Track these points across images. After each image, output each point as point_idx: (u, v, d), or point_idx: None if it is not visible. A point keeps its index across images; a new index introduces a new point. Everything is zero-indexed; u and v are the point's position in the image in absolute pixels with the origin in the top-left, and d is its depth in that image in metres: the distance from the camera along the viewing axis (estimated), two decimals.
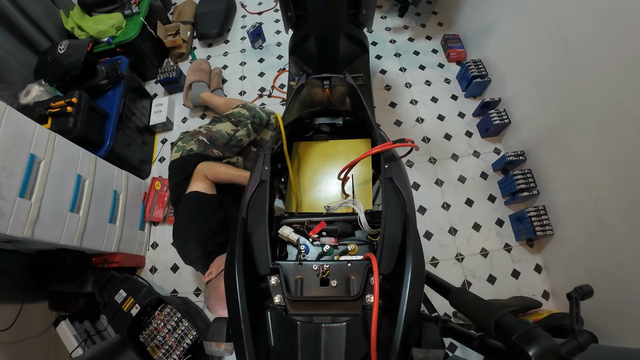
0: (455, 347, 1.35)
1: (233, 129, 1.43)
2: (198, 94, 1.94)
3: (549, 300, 1.44)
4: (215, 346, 0.54)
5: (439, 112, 1.86)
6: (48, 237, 1.16)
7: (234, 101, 1.75)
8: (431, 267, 1.53)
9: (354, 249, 0.75)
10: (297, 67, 1.46)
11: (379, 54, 2.10)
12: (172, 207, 1.68)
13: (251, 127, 1.46)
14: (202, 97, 1.92)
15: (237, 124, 1.44)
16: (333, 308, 0.58)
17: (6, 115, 1.07)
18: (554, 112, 1.35)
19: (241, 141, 1.43)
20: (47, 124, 1.46)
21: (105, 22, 1.90)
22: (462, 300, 0.61)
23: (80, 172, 1.33)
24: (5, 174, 1.04)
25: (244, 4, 2.51)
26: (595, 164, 1.17)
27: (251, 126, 1.46)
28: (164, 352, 1.25)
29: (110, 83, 1.74)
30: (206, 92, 1.95)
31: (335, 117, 1.07)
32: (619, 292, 1.11)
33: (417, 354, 0.51)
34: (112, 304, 1.31)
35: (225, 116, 1.49)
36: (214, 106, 1.90)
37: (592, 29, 1.11)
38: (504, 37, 1.63)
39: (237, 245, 0.57)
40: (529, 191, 1.47)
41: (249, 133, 1.46)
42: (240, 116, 1.47)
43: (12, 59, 1.64)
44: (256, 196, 0.72)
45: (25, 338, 1.33)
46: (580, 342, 0.47)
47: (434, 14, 2.22)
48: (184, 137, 1.42)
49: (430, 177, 1.70)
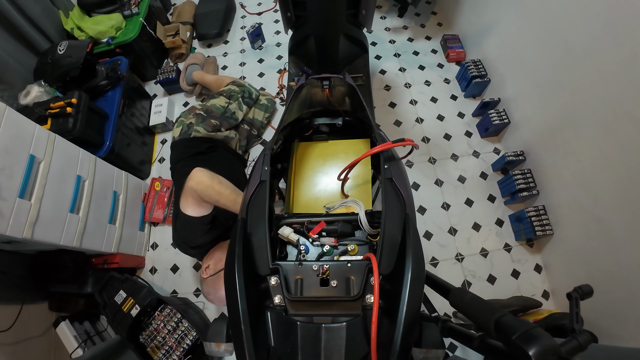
0: (455, 347, 1.35)
1: (226, 101, 1.60)
2: (191, 73, 2.05)
3: (549, 300, 1.44)
4: (215, 346, 0.54)
5: (439, 112, 1.86)
6: (48, 238, 1.16)
7: (224, 78, 1.89)
8: (431, 267, 1.53)
9: (354, 249, 0.75)
10: (296, 67, 1.46)
11: (378, 54, 2.10)
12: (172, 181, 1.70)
13: (242, 100, 1.64)
14: (195, 75, 2.02)
15: (229, 97, 1.62)
16: (333, 308, 0.58)
17: (6, 116, 1.07)
18: (553, 112, 1.35)
19: (235, 114, 1.60)
20: (46, 124, 1.45)
21: (104, 23, 1.90)
22: (462, 300, 0.61)
23: (80, 172, 1.33)
24: (5, 175, 1.03)
25: (244, 5, 2.51)
26: (595, 164, 1.17)
27: (242, 100, 1.64)
28: (164, 353, 1.25)
29: (109, 84, 1.74)
30: (198, 71, 2.04)
31: (335, 118, 1.07)
32: (618, 292, 1.11)
33: (417, 354, 0.51)
34: (112, 304, 1.31)
35: (218, 93, 1.66)
36: (206, 83, 2.00)
37: (592, 28, 1.11)
38: (503, 37, 1.63)
39: (237, 245, 0.57)
40: (528, 191, 1.47)
41: (241, 106, 1.63)
42: (231, 92, 1.64)
43: (12, 60, 1.64)
44: (256, 196, 0.72)
45: (25, 339, 1.33)
46: (580, 342, 0.47)
47: (433, 14, 2.22)
48: (183, 113, 1.57)
49: (430, 177, 1.70)
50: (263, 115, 1.76)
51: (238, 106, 1.60)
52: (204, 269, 1.19)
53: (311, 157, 1.00)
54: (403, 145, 0.72)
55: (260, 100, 1.75)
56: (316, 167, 0.98)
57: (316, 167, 0.98)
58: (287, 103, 0.99)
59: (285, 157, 1.01)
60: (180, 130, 1.48)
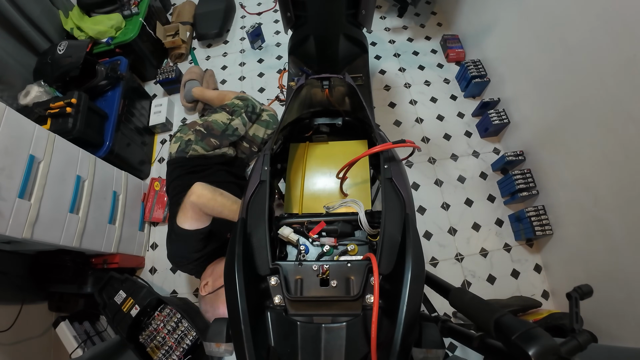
0: (455, 347, 1.35)
1: (228, 117, 1.46)
2: (191, 89, 1.96)
3: (549, 300, 1.44)
4: (215, 347, 0.54)
5: (439, 112, 1.86)
6: (47, 238, 1.16)
7: (227, 93, 1.77)
8: (431, 267, 1.53)
9: (354, 249, 0.75)
10: (296, 67, 1.46)
11: (378, 54, 2.10)
12: (167, 197, 1.68)
13: (245, 116, 1.49)
14: (194, 92, 1.93)
15: (232, 113, 1.49)
16: (333, 308, 0.58)
17: (5, 116, 1.07)
18: (553, 112, 1.35)
19: (237, 130, 1.46)
20: (46, 124, 1.45)
21: (104, 23, 1.90)
22: (462, 300, 0.61)
23: (79, 172, 1.33)
24: (4, 175, 1.03)
25: (243, 5, 2.51)
26: (595, 164, 1.17)
27: (245, 115, 1.49)
28: (164, 353, 1.25)
29: (109, 84, 1.74)
30: (198, 87, 1.96)
31: (335, 118, 1.07)
32: (618, 292, 1.11)
33: (417, 354, 0.51)
34: (111, 304, 1.31)
35: (220, 107, 1.53)
36: (207, 99, 1.90)
37: (591, 28, 1.12)
38: (503, 37, 1.63)
39: (237, 245, 0.57)
40: (528, 191, 1.47)
41: (245, 122, 1.49)
42: (234, 106, 1.50)
43: (12, 60, 1.64)
44: (256, 196, 0.72)
45: (24, 339, 1.33)
46: (580, 342, 0.47)
47: (433, 14, 2.23)
48: (182, 128, 1.46)
49: (430, 177, 1.70)
50: (264, 132, 1.60)
51: (241, 121, 1.47)
52: (203, 286, 1.14)
53: (311, 157, 1.00)
54: (403, 147, 0.72)
55: (262, 116, 1.60)
56: (316, 167, 0.98)
57: (316, 167, 0.98)
58: (287, 103, 0.99)
59: (285, 157, 1.01)
60: (178, 147, 1.37)
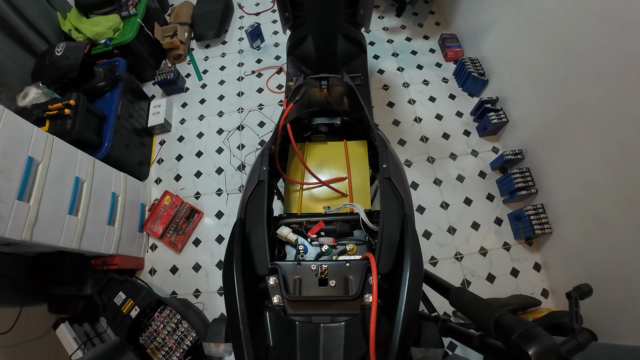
0: (455, 347, 1.35)
1: None
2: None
3: (548, 298, 1.44)
4: (214, 347, 0.54)
5: (437, 112, 1.86)
6: (47, 240, 1.15)
7: None
8: (430, 266, 1.53)
9: (353, 249, 0.75)
10: (295, 67, 1.46)
11: (376, 53, 2.10)
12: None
13: None
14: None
15: None
16: (332, 308, 0.58)
17: (4, 118, 1.06)
18: (551, 111, 1.35)
19: None
20: (44, 126, 1.45)
21: (102, 24, 1.90)
22: (462, 300, 0.61)
23: (78, 174, 1.32)
24: (3, 177, 1.03)
25: (242, 5, 2.51)
26: (594, 162, 1.17)
27: None
28: (164, 354, 1.25)
29: (107, 85, 1.74)
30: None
31: (334, 117, 1.07)
32: (618, 290, 1.11)
33: (416, 353, 0.51)
34: (111, 306, 1.31)
35: None
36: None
37: (589, 27, 1.12)
38: (501, 36, 1.63)
39: (236, 245, 0.57)
40: (527, 190, 1.47)
41: None
42: None
43: (10, 62, 1.64)
44: (254, 196, 0.71)
45: (25, 341, 1.33)
46: (579, 341, 0.47)
47: (431, 14, 2.23)
48: None
49: (429, 177, 1.70)
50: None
51: None
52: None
53: (310, 157, 1.00)
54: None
55: None
56: (315, 167, 0.98)
57: (315, 167, 0.98)
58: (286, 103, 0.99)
59: (283, 157, 1.01)
60: None
